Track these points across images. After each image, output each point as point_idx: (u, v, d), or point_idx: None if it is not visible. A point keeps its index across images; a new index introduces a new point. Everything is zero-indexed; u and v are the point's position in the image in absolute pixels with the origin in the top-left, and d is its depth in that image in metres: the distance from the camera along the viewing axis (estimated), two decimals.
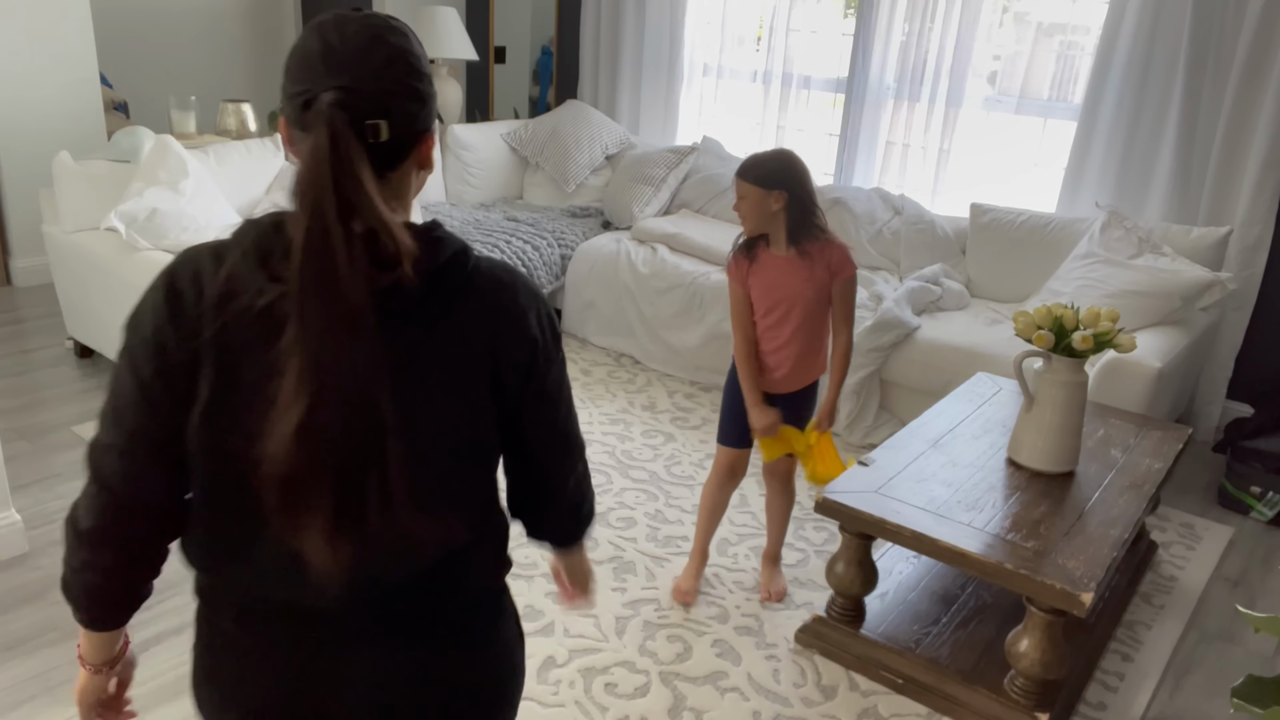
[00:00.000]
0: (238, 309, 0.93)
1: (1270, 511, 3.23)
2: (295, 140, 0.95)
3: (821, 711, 2.23)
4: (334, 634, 1.04)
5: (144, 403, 0.97)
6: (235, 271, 0.94)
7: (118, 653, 1.13)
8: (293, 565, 0.96)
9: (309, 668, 1.04)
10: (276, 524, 0.93)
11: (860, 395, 3.53)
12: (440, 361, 0.99)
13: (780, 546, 2.68)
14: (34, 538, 2.72)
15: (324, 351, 0.88)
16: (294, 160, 0.95)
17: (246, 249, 0.94)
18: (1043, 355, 2.38)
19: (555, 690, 2.23)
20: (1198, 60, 3.56)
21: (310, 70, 0.93)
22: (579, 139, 5.01)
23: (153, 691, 2.17)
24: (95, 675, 1.12)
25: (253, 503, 0.94)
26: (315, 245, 0.88)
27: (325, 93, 0.91)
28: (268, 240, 0.94)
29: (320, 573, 0.94)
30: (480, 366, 1.01)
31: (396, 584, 1.03)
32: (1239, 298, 3.63)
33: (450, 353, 0.99)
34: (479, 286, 1.01)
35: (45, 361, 3.94)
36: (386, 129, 0.94)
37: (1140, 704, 2.32)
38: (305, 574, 0.95)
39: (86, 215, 3.62)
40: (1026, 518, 2.23)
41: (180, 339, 0.95)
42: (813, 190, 2.38)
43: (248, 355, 0.93)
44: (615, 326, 4.30)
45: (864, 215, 4.25)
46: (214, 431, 0.95)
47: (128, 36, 6.26)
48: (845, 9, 4.64)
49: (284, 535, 0.93)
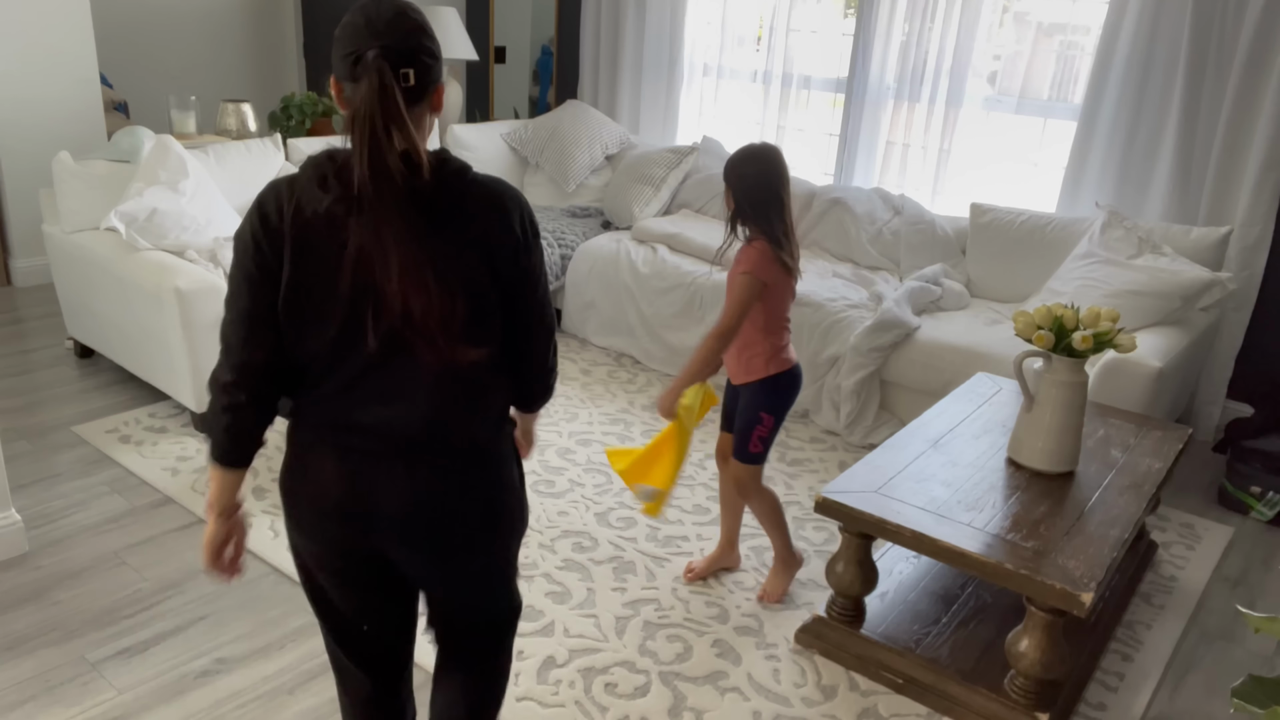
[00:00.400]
0: (306, 216, 1.33)
1: (1270, 511, 3.23)
2: (345, 91, 1.33)
3: (822, 711, 2.23)
4: (375, 450, 1.41)
5: (248, 289, 1.37)
6: (302, 192, 1.34)
7: (238, 502, 1.49)
8: (348, 397, 1.39)
9: (357, 472, 1.42)
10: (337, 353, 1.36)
11: (860, 395, 3.53)
12: (452, 241, 1.36)
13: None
14: (34, 538, 2.72)
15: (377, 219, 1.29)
16: (343, 110, 1.33)
17: (309, 175, 1.35)
18: (1043, 355, 2.38)
19: (555, 690, 2.23)
20: (1198, 60, 3.57)
21: (358, 36, 1.30)
22: (579, 139, 5.01)
23: (153, 691, 2.17)
24: (221, 522, 1.48)
25: (321, 349, 1.36)
26: (371, 150, 1.28)
27: (370, 51, 1.28)
28: (322, 167, 1.34)
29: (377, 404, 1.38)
30: (479, 248, 1.38)
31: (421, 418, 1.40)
32: (1239, 298, 3.63)
33: (457, 237, 1.36)
34: (476, 194, 1.39)
35: (45, 361, 3.94)
36: (413, 76, 1.32)
37: (1140, 704, 2.32)
38: (355, 403, 1.39)
39: (86, 215, 3.62)
40: (1026, 518, 2.23)
41: (269, 242, 1.35)
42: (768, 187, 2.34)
43: (313, 245, 1.33)
44: (615, 326, 4.30)
45: (864, 215, 4.25)
46: (294, 299, 1.35)
47: (128, 36, 6.26)
48: (845, 9, 4.64)
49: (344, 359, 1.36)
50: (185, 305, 3.15)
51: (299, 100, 5.18)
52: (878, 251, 4.20)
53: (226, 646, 2.33)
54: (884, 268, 4.17)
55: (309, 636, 2.38)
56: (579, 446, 3.42)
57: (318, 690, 2.20)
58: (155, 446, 3.26)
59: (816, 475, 3.34)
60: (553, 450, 3.39)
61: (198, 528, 2.81)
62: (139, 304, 3.31)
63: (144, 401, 3.59)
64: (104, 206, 3.57)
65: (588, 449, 3.40)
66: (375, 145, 1.28)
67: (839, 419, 3.60)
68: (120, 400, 3.61)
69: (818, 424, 3.72)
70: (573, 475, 3.23)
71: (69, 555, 2.66)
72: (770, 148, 2.38)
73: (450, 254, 1.35)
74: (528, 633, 2.42)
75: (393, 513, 1.43)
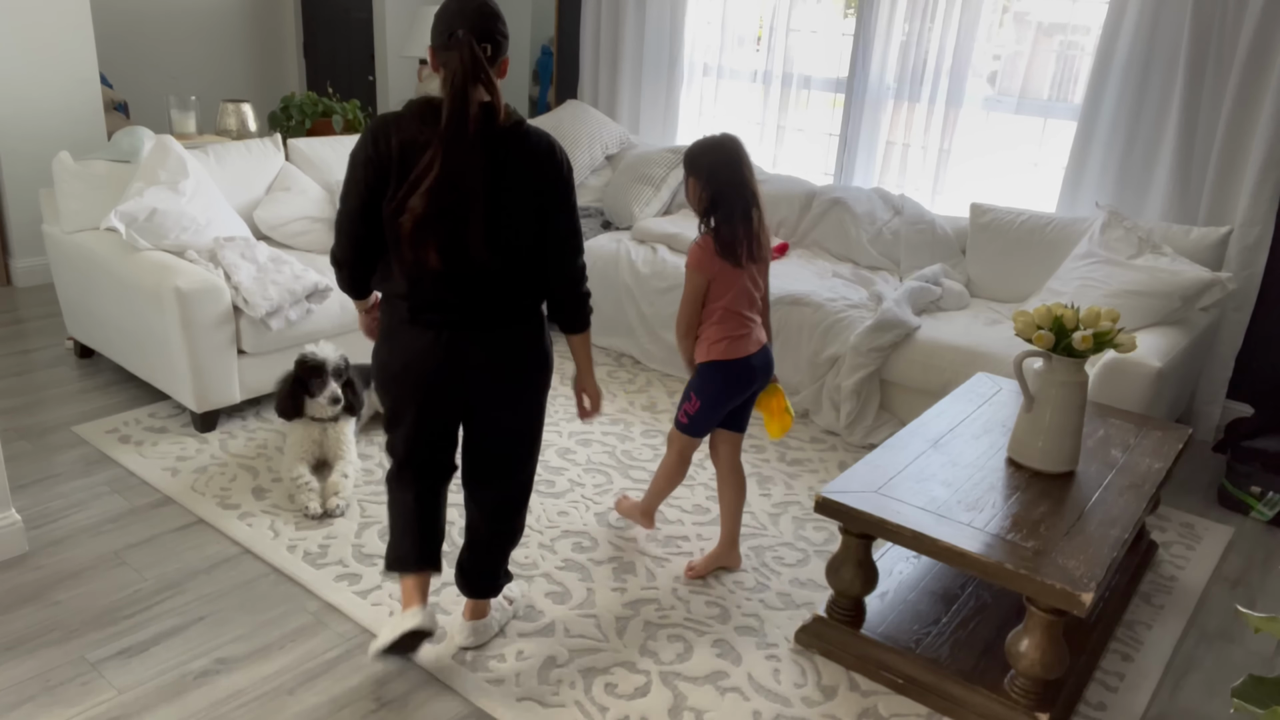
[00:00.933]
0: (407, 141, 1.91)
1: (1270, 511, 3.23)
2: (440, 57, 1.92)
3: (822, 711, 2.23)
4: (455, 322, 2.03)
5: (358, 191, 1.97)
6: (405, 124, 1.93)
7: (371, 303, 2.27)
8: (432, 282, 1.99)
9: (443, 339, 2.03)
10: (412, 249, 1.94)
11: (860, 395, 3.53)
12: (510, 173, 1.95)
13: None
14: (34, 538, 2.72)
15: (453, 156, 1.88)
16: (435, 71, 1.92)
17: (411, 113, 1.93)
18: (1043, 355, 2.38)
19: (555, 690, 2.23)
20: (1198, 60, 3.57)
21: (453, 19, 1.90)
22: (579, 139, 5.00)
23: (153, 691, 2.17)
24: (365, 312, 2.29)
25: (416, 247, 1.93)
26: (458, 100, 1.88)
27: (460, 30, 1.88)
28: (422, 108, 1.92)
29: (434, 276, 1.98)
30: (529, 182, 1.98)
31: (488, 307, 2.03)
32: (1239, 298, 3.63)
33: (515, 170, 1.96)
34: (531, 140, 1.99)
35: (45, 361, 3.94)
36: (490, 49, 1.92)
37: (1140, 704, 2.32)
38: (439, 286, 1.99)
39: (86, 215, 3.62)
40: (1026, 518, 2.23)
41: (377, 159, 1.93)
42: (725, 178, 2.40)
43: (409, 165, 1.90)
44: (615, 326, 4.30)
45: (864, 215, 4.25)
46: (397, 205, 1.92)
47: (128, 36, 6.26)
48: (845, 9, 4.64)
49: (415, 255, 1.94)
50: (185, 305, 3.15)
51: (299, 100, 5.18)
52: (878, 251, 4.20)
53: (226, 646, 2.33)
54: (884, 268, 4.17)
55: (309, 636, 2.38)
56: (579, 447, 3.42)
57: (318, 690, 2.20)
58: (155, 446, 3.26)
59: (816, 475, 3.34)
60: (553, 450, 3.39)
61: (198, 528, 2.82)
62: (139, 304, 3.31)
63: (144, 401, 3.59)
64: (104, 206, 3.57)
65: (588, 449, 3.40)
66: (462, 96, 1.88)
67: (839, 419, 3.60)
68: (120, 400, 3.61)
69: (818, 424, 3.72)
70: (573, 475, 3.23)
71: (69, 555, 2.66)
72: (730, 137, 2.42)
73: (508, 185, 1.95)
74: (528, 633, 2.42)
75: (470, 361, 2.05)
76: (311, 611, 2.48)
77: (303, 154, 4.20)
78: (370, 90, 6.51)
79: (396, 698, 2.19)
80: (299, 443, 3.02)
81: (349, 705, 2.17)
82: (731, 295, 2.46)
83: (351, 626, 2.43)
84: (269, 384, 3.44)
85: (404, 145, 1.89)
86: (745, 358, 2.52)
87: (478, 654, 2.34)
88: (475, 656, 2.33)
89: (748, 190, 2.40)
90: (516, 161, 1.94)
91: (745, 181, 2.40)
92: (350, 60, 6.70)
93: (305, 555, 2.69)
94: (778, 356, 3.82)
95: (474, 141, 1.88)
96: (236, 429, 3.41)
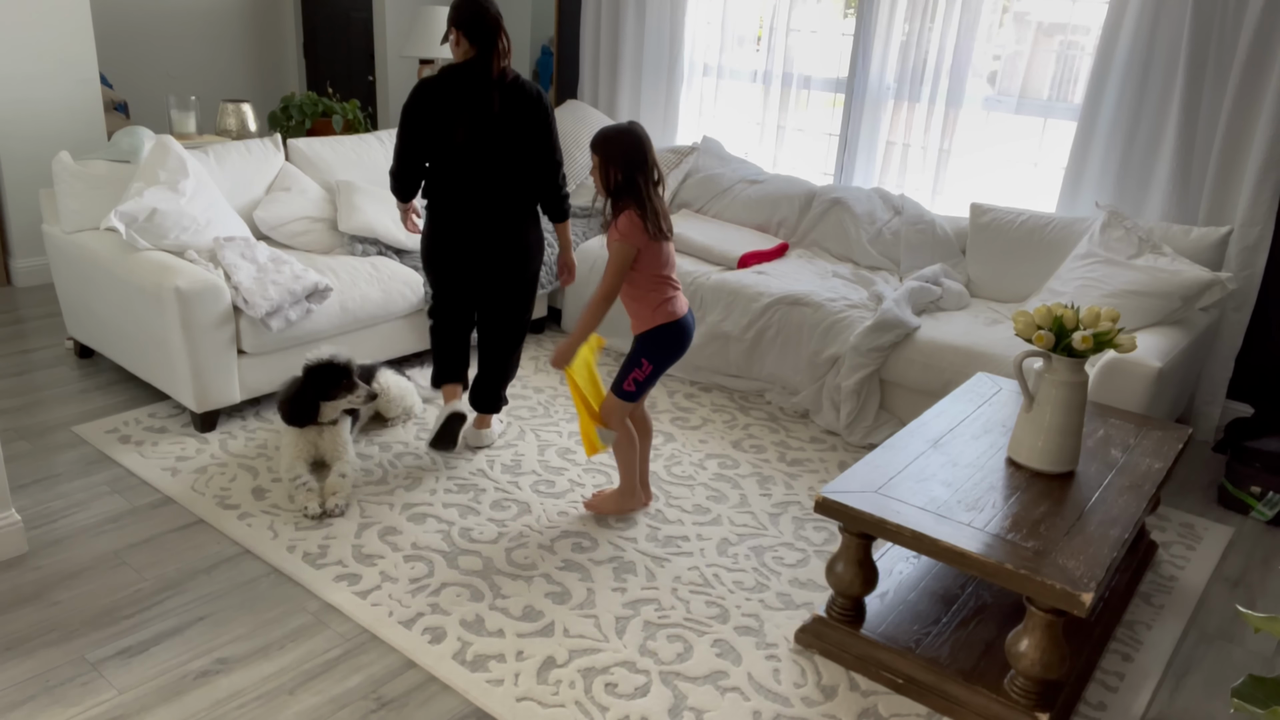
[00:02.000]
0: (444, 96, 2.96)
1: (1270, 511, 3.23)
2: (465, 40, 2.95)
3: (822, 711, 2.23)
4: (482, 217, 3.05)
5: (406, 136, 3.03)
6: (443, 85, 2.96)
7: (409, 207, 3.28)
8: (467, 191, 3.03)
9: (474, 227, 3.06)
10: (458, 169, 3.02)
11: (860, 395, 3.53)
12: (514, 111, 2.99)
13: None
14: (34, 538, 2.72)
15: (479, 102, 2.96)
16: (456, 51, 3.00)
17: (447, 75, 2.96)
18: (1043, 355, 2.38)
19: (555, 690, 2.23)
20: (1198, 60, 3.57)
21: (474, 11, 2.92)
22: (579, 139, 5.00)
23: (153, 691, 2.17)
24: (405, 212, 3.30)
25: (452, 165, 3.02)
26: (484, 66, 2.95)
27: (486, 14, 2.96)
28: (457, 70, 2.96)
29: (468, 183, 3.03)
30: (525, 116, 3.00)
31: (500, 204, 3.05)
32: (1239, 298, 3.63)
33: (517, 109, 2.99)
34: (524, 89, 3.01)
35: (45, 361, 3.94)
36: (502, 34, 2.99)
37: (1140, 704, 2.32)
38: (472, 195, 3.03)
39: (86, 215, 3.62)
40: (1026, 518, 2.23)
41: (422, 112, 2.98)
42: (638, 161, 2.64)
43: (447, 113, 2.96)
44: (615, 326, 4.30)
45: (864, 215, 4.25)
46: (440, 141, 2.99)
47: (128, 36, 6.26)
48: (845, 9, 4.64)
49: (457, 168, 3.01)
50: (185, 305, 3.15)
51: (299, 100, 5.18)
52: (878, 251, 4.20)
53: (226, 646, 2.33)
54: (884, 268, 4.17)
55: (309, 636, 2.38)
56: (579, 446, 3.42)
57: (318, 690, 2.21)
58: (155, 446, 3.26)
59: (816, 475, 3.34)
60: (553, 450, 3.39)
61: (198, 527, 2.82)
62: (139, 304, 3.31)
63: (144, 401, 3.59)
64: (104, 206, 3.57)
65: None
66: (486, 64, 2.93)
67: (839, 419, 3.60)
68: (120, 400, 3.61)
69: (818, 424, 3.72)
70: (573, 475, 3.23)
71: (69, 555, 2.66)
72: (634, 124, 2.70)
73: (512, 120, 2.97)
74: (528, 633, 2.42)
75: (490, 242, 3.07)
76: (311, 611, 2.48)
77: (303, 154, 4.20)
78: (370, 90, 6.51)
79: (396, 698, 2.20)
80: (296, 443, 3.01)
81: (349, 705, 2.17)
82: (659, 262, 2.72)
83: (351, 626, 2.43)
84: (269, 384, 3.44)
85: (441, 99, 2.93)
86: (685, 316, 2.80)
87: (478, 654, 2.34)
88: (475, 657, 2.33)
89: (656, 171, 2.70)
90: (518, 103, 2.97)
91: (655, 164, 2.69)
92: (350, 60, 6.70)
93: (305, 555, 2.69)
94: (778, 356, 3.82)
95: (492, 89, 2.93)
96: (236, 429, 3.41)
